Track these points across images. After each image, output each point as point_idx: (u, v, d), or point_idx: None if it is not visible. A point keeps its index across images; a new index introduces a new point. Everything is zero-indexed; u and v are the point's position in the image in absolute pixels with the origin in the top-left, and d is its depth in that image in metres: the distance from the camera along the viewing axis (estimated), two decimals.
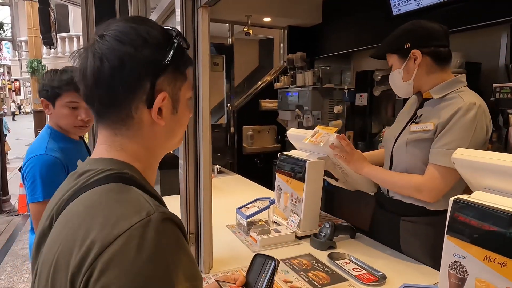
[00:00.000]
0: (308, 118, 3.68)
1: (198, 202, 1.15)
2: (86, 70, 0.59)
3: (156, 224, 0.51)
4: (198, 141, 1.13)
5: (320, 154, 1.49)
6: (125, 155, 0.63)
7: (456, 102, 1.20)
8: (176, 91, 0.64)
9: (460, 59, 2.73)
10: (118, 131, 0.62)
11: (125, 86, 0.58)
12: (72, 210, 0.57)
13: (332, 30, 4.28)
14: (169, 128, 0.65)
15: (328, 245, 1.36)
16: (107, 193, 0.56)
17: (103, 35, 0.59)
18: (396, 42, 1.31)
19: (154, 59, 0.60)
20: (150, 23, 0.63)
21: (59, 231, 0.57)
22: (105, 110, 0.61)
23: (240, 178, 2.74)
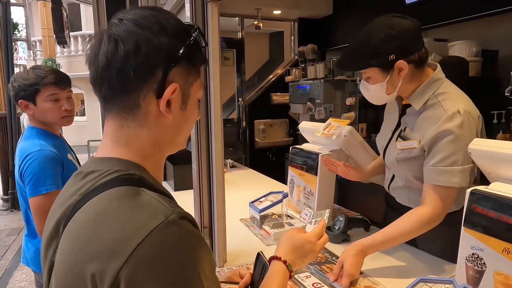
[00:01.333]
0: (320, 111, 3.65)
1: (211, 196, 1.16)
2: (99, 51, 0.57)
3: (175, 226, 0.50)
4: (210, 136, 1.13)
5: (333, 147, 1.48)
6: (131, 152, 0.61)
7: (438, 113, 1.12)
8: (188, 86, 0.62)
9: (477, 47, 2.66)
10: (125, 121, 0.60)
11: (137, 71, 0.56)
12: (83, 219, 0.55)
13: (343, 21, 4.22)
14: (176, 123, 0.62)
15: (342, 238, 1.36)
16: (118, 198, 0.54)
17: (122, 19, 0.58)
18: (377, 54, 1.13)
19: (170, 48, 0.57)
20: (170, 14, 0.62)
21: (71, 241, 0.55)
22: (113, 94, 0.59)
23: (253, 172, 2.75)
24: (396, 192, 1.37)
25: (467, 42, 2.66)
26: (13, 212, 5.34)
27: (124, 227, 0.50)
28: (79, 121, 13.51)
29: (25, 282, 3.28)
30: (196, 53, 0.62)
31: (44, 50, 10.75)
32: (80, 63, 12.47)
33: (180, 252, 0.49)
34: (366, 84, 1.23)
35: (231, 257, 1.23)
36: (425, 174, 1.14)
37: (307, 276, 1.12)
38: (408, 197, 1.31)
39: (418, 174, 1.20)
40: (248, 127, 4.49)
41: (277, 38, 5.80)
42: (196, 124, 1.14)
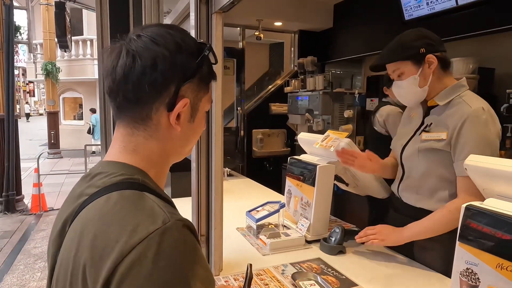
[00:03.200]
0: (318, 122, 3.68)
1: (209, 204, 1.17)
2: (117, 64, 0.60)
3: (172, 232, 0.52)
4: (210, 144, 1.14)
5: (331, 159, 1.49)
6: (138, 158, 0.64)
7: (463, 109, 1.20)
8: (197, 101, 0.66)
9: (473, 64, 2.70)
10: (136, 130, 0.64)
11: (152, 85, 0.60)
12: (86, 217, 0.58)
13: (343, 34, 4.28)
14: (184, 135, 0.66)
15: (338, 250, 1.36)
16: (121, 200, 0.57)
17: (140, 35, 0.62)
18: (409, 48, 1.27)
19: (183, 66, 0.62)
20: (185, 33, 0.66)
21: (74, 237, 0.58)
22: (127, 105, 0.62)
23: (250, 182, 2.75)
24: (405, 192, 1.39)
25: (464, 60, 2.70)
26: (6, 215, 5.29)
27: (124, 228, 0.52)
28: (77, 125, 13.48)
29: (15, 286, 3.24)
30: (207, 70, 0.66)
31: (44, 53, 10.78)
32: (80, 67, 12.50)
33: (172, 260, 0.50)
34: (398, 83, 1.32)
35: (226, 266, 1.23)
36: (457, 169, 1.21)
37: (312, 284, 1.14)
38: (416, 197, 1.33)
39: (437, 169, 1.25)
40: (246, 136, 4.51)
41: (277, 49, 5.86)
42: None
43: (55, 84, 10.88)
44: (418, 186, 1.32)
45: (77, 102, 14.35)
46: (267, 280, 1.15)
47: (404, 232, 1.26)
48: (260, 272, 1.20)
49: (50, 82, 10.69)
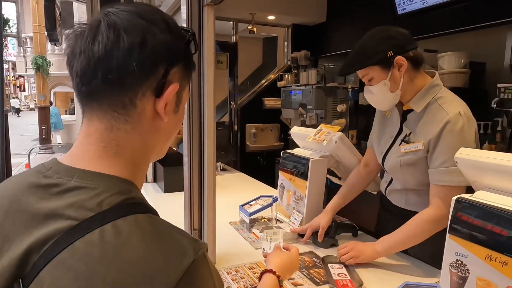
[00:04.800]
0: (311, 116, 3.69)
1: (202, 199, 1.16)
2: (93, 41, 0.50)
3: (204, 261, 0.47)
4: (203, 138, 1.13)
5: (323, 153, 1.49)
6: (123, 164, 0.53)
7: (440, 115, 1.16)
8: (182, 89, 0.57)
9: (465, 59, 2.72)
10: (115, 122, 0.52)
11: (140, 65, 0.50)
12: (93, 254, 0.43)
13: (336, 28, 4.28)
14: (168, 127, 0.57)
15: (330, 243, 1.37)
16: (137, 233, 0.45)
17: (119, 9, 0.52)
18: (375, 52, 1.20)
19: (173, 46, 0.54)
20: (166, 15, 0.57)
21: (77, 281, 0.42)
22: (106, 88, 0.51)
23: (243, 176, 2.75)
24: (393, 195, 1.39)
25: (456, 54, 2.72)
26: None
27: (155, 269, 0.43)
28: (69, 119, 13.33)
29: None
30: (191, 57, 0.59)
31: (34, 47, 10.62)
32: None
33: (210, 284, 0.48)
34: (369, 88, 1.28)
35: (219, 260, 1.23)
36: (431, 176, 1.18)
37: (339, 266, 1.20)
38: (405, 200, 1.34)
39: (421, 178, 1.23)
40: (240, 130, 4.50)
41: (271, 43, 5.84)
42: (189, 126, 1.14)
43: (45, 79, 10.73)
44: (405, 191, 1.32)
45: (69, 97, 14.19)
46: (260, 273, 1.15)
47: (377, 246, 1.22)
48: (253, 265, 1.21)
49: (41, 76, 10.55)
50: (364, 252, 1.23)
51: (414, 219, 1.19)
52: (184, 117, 1.16)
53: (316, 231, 1.40)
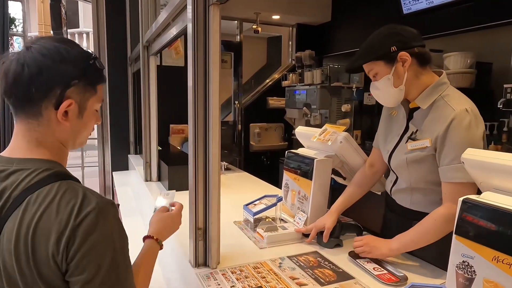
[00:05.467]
0: (315, 116, 3.68)
1: (207, 198, 1.16)
2: (9, 71, 0.74)
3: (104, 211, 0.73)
4: (208, 138, 1.13)
5: (328, 153, 1.49)
6: (47, 152, 0.79)
7: (447, 112, 1.16)
8: (85, 100, 0.81)
9: (471, 59, 2.70)
10: (31, 126, 0.78)
11: (39, 89, 0.74)
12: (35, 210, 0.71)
13: (341, 28, 4.26)
14: (74, 128, 0.81)
15: (335, 243, 1.37)
16: (59, 192, 0.73)
17: (30, 47, 0.76)
18: (379, 47, 1.22)
19: (67, 73, 0.76)
20: (73, 45, 0.80)
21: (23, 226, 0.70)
22: (19, 104, 0.77)
23: (247, 175, 2.75)
24: (398, 195, 1.38)
25: (462, 54, 2.70)
26: None
27: (68, 212, 0.71)
28: None
29: None
30: (93, 76, 0.81)
31: None
32: None
33: (107, 227, 0.73)
34: (374, 84, 1.29)
35: (224, 259, 1.23)
36: (442, 174, 1.17)
37: (368, 261, 1.23)
38: (410, 199, 1.33)
39: (427, 176, 1.23)
40: (244, 130, 4.50)
41: (275, 43, 5.83)
42: (194, 126, 1.14)
43: None
44: (411, 190, 1.32)
45: None
46: (264, 273, 1.15)
47: (393, 244, 1.23)
48: (257, 265, 1.21)
49: None
50: (379, 249, 1.23)
51: (429, 217, 1.18)
52: (190, 116, 1.17)
53: (321, 232, 1.40)
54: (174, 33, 1.64)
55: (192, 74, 1.13)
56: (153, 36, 2.17)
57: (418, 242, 1.20)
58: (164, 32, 1.92)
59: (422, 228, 1.19)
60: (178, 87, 2.58)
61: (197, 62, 1.12)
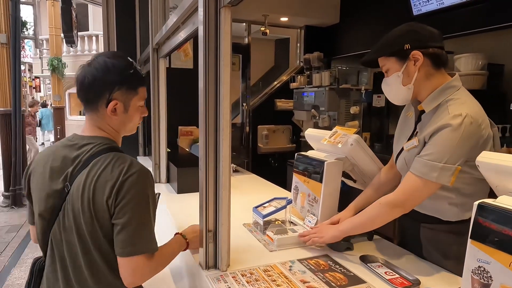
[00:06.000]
0: (324, 118, 3.66)
1: (217, 200, 1.16)
2: (78, 80, 1.07)
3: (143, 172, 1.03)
4: (218, 139, 1.13)
5: (339, 155, 1.48)
6: (105, 133, 1.10)
7: (442, 115, 1.15)
8: (128, 100, 1.09)
9: (483, 60, 2.66)
10: (93, 117, 1.10)
11: (94, 93, 1.07)
12: (95, 170, 1.02)
13: (349, 30, 4.24)
14: (122, 120, 1.11)
15: (345, 246, 1.35)
16: (114, 158, 1.04)
17: (90, 63, 1.08)
18: (393, 43, 1.22)
19: (112, 81, 1.05)
20: (119, 58, 1.09)
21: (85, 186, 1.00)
22: (84, 103, 1.09)
23: (256, 178, 2.75)
24: None
25: (473, 55, 2.67)
26: (14, 209, 5.34)
27: (119, 171, 1.01)
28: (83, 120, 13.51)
29: (23, 280, 3.27)
30: (133, 80, 1.09)
31: (50, 48, 10.83)
32: None
33: (143, 186, 1.02)
34: (385, 80, 1.29)
35: (234, 262, 1.23)
36: (413, 163, 1.19)
37: (379, 265, 1.22)
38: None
39: None
40: (252, 132, 4.50)
41: (283, 45, 5.83)
42: (205, 128, 1.14)
43: (61, 80, 10.92)
44: None
45: None
46: (274, 276, 1.14)
47: (340, 227, 1.31)
48: (267, 268, 1.20)
49: (56, 77, 10.74)
50: (327, 231, 1.31)
51: (376, 202, 1.24)
52: (200, 118, 1.17)
53: None
54: (183, 36, 1.65)
55: (203, 76, 1.13)
56: (163, 38, 2.18)
57: (363, 224, 1.27)
58: (173, 35, 1.93)
59: (368, 211, 1.25)
60: (187, 89, 2.59)
61: (208, 64, 1.12)
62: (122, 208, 0.98)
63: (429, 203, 1.26)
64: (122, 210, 0.98)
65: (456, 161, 1.10)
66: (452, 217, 1.22)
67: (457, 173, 1.11)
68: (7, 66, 5.29)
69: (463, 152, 1.11)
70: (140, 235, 1.00)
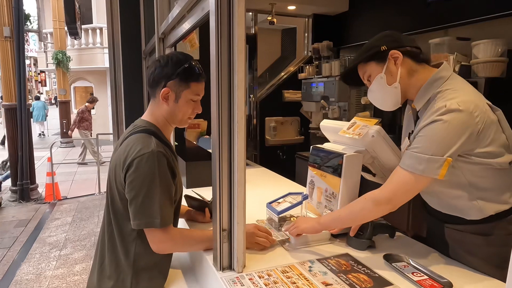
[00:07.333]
0: (334, 109, 3.56)
1: (231, 198, 1.09)
2: (147, 71, 1.29)
3: (153, 155, 1.15)
4: (233, 132, 1.05)
5: (358, 148, 1.39)
6: (153, 118, 1.29)
7: (431, 111, 1.09)
8: (180, 92, 1.24)
9: (502, 46, 2.54)
10: (152, 102, 1.30)
11: (154, 81, 1.26)
12: (123, 144, 1.22)
13: (359, 18, 4.11)
14: (171, 109, 1.27)
15: (367, 245, 1.28)
16: (140, 137, 1.20)
17: (159, 58, 1.29)
18: (370, 49, 1.22)
19: (168, 73, 1.23)
20: (178, 54, 1.27)
21: (119, 150, 1.22)
22: (149, 88, 1.30)
23: (266, 171, 2.67)
24: (424, 197, 1.31)
25: (492, 42, 2.54)
26: (21, 203, 5.34)
27: (136, 149, 1.16)
28: None
29: (31, 275, 3.25)
30: (186, 75, 1.23)
31: (55, 42, 10.76)
32: (90, 56, 12.45)
33: (151, 166, 1.14)
34: (370, 88, 1.27)
35: (249, 262, 1.16)
36: (402, 157, 1.15)
37: (405, 265, 1.15)
38: (436, 201, 1.25)
39: None
40: (259, 124, 4.42)
41: (290, 35, 5.69)
42: (218, 120, 1.06)
43: (66, 73, 10.88)
44: (427, 193, 1.26)
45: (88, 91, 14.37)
46: (294, 278, 1.07)
47: (320, 219, 1.27)
48: (285, 269, 1.13)
49: (61, 71, 10.69)
50: (308, 222, 1.28)
51: (362, 196, 1.20)
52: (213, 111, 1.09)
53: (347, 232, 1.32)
54: (192, 23, 1.56)
55: (215, 64, 1.05)
56: (169, 28, 2.10)
57: (344, 219, 1.23)
58: (180, 23, 1.85)
59: (351, 205, 1.21)
60: None
61: (220, 51, 1.04)
62: (131, 183, 1.13)
63: (449, 202, 1.19)
64: (131, 185, 1.13)
65: (444, 152, 1.04)
66: (476, 215, 1.14)
67: (447, 164, 1.04)
68: (11, 60, 5.24)
69: (453, 142, 1.04)
70: (143, 210, 1.12)
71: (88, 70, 12.77)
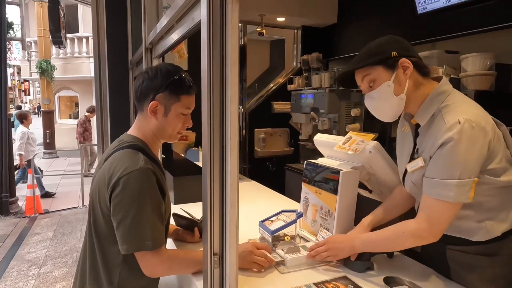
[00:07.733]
0: (323, 121, 3.53)
1: (223, 219, 1.01)
2: (134, 83, 1.22)
3: (141, 172, 1.07)
4: (225, 151, 0.99)
5: (354, 163, 1.34)
6: (140, 133, 1.21)
7: (438, 126, 1.05)
8: (169, 104, 1.17)
9: (491, 60, 2.56)
10: (139, 117, 1.22)
11: (141, 94, 1.19)
12: (108, 161, 1.13)
13: (348, 30, 4.13)
14: (161, 123, 1.19)
15: (366, 266, 1.22)
16: (125, 154, 1.12)
17: (147, 69, 1.22)
18: (379, 52, 1.12)
19: (156, 85, 1.16)
20: (168, 66, 1.20)
21: (103, 168, 1.13)
22: (136, 102, 1.23)
23: (257, 185, 2.60)
24: None
25: (480, 55, 2.56)
26: (0, 218, 5.11)
27: (122, 167, 1.08)
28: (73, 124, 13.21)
29: None
30: (176, 87, 1.16)
31: (39, 51, 10.54)
32: (76, 65, 12.24)
33: (140, 185, 1.07)
34: (370, 94, 1.16)
35: (243, 286, 1.08)
36: (423, 185, 1.08)
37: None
38: None
39: None
40: (248, 135, 4.36)
41: (278, 46, 5.70)
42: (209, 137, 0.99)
43: (50, 83, 10.64)
44: None
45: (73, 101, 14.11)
46: None
47: (356, 243, 1.20)
48: None
49: (45, 80, 10.46)
50: (342, 250, 1.21)
51: (399, 227, 1.13)
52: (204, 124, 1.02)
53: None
54: (180, 34, 1.50)
55: (207, 76, 0.98)
56: (157, 38, 2.03)
57: (379, 247, 1.19)
58: (168, 33, 1.78)
59: (388, 235, 1.15)
60: None
61: (212, 64, 0.97)
62: (117, 204, 1.05)
63: (454, 224, 1.13)
64: (118, 206, 1.05)
65: (470, 173, 0.99)
66: (483, 237, 1.09)
67: (474, 186, 1.00)
68: None
69: (475, 161, 1.00)
70: (132, 232, 1.04)
71: (73, 80, 12.54)
